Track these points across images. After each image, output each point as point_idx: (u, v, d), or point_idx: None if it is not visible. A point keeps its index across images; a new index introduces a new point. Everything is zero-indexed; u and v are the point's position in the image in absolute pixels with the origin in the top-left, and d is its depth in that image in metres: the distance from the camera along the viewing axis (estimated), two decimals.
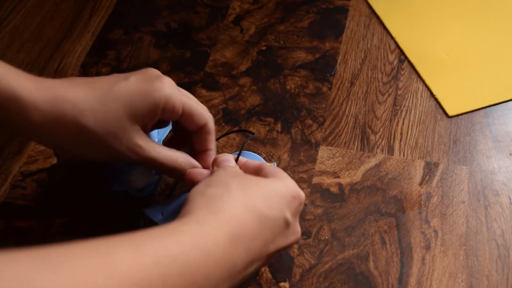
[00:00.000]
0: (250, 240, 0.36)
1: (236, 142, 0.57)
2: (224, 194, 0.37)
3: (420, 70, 0.63)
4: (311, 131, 0.58)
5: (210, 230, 0.34)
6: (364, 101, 0.60)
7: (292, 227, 0.40)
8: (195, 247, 0.32)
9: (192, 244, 0.32)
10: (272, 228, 0.38)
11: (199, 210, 0.36)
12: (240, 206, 0.36)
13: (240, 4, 0.71)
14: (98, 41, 0.68)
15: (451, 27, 0.67)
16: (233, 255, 0.34)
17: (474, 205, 0.52)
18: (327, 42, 0.67)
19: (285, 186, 0.40)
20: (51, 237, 0.50)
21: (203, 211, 0.36)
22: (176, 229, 0.34)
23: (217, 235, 0.34)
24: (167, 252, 0.31)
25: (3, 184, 0.54)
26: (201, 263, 0.32)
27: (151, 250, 0.30)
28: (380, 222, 0.51)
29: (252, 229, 0.36)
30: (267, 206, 0.38)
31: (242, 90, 0.62)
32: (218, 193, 0.37)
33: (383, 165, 0.55)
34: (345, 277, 0.47)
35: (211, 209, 0.36)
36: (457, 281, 0.47)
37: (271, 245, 0.38)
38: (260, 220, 0.37)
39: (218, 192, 0.37)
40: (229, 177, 0.40)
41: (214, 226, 0.34)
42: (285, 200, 0.39)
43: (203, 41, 0.67)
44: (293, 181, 0.42)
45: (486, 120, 0.58)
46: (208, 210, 0.36)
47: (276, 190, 0.39)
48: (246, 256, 0.35)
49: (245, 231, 0.36)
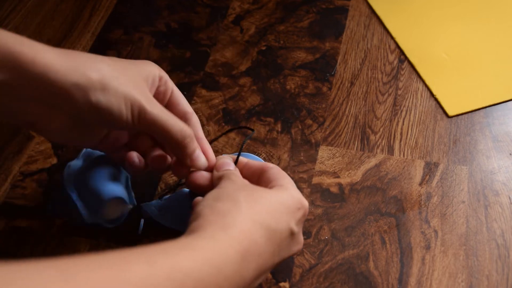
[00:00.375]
0: (259, 255, 0.37)
1: (236, 142, 0.57)
2: (233, 209, 0.37)
3: (420, 70, 0.63)
4: (311, 131, 0.58)
5: (221, 247, 0.34)
6: (364, 101, 0.60)
7: (296, 237, 0.41)
8: (207, 263, 0.33)
9: (204, 260, 0.33)
10: (279, 240, 0.38)
11: (209, 226, 0.36)
12: (249, 221, 0.37)
13: (240, 4, 0.71)
14: (98, 41, 0.68)
15: (451, 27, 0.67)
16: (243, 271, 0.35)
17: (474, 205, 0.52)
18: (327, 42, 0.67)
19: (291, 197, 0.41)
20: (51, 237, 0.50)
21: (214, 226, 0.36)
22: (188, 244, 0.34)
23: (228, 252, 0.34)
24: (180, 267, 0.31)
25: (3, 184, 0.54)
26: (212, 280, 0.33)
27: (164, 265, 0.31)
28: (380, 222, 0.51)
29: (260, 244, 0.37)
30: (275, 220, 0.38)
31: (242, 90, 0.62)
32: (227, 208, 0.38)
33: (383, 165, 0.55)
34: (345, 277, 0.47)
35: (221, 224, 0.36)
36: (457, 281, 0.47)
37: (277, 256, 0.39)
38: (268, 234, 0.37)
39: (227, 207, 0.38)
40: (237, 190, 0.40)
41: (225, 243, 0.35)
42: (290, 212, 0.40)
43: (203, 41, 0.67)
44: (297, 190, 0.42)
45: (486, 120, 0.58)
46: (218, 225, 0.36)
47: (282, 202, 0.40)
48: (255, 270, 0.36)
49: (254, 247, 0.36)
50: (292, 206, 0.40)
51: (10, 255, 0.49)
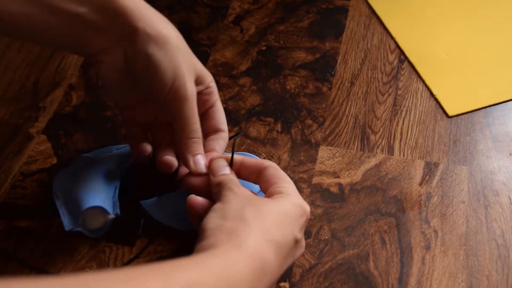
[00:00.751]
0: (271, 273, 0.37)
1: (236, 142, 0.57)
2: (242, 228, 0.38)
3: (420, 70, 0.63)
4: (311, 131, 0.58)
5: (235, 265, 0.35)
6: (364, 101, 0.60)
7: (299, 243, 0.42)
8: (222, 280, 0.33)
9: (219, 277, 0.33)
10: (285, 252, 0.39)
11: (221, 245, 0.37)
12: (260, 239, 0.38)
13: (240, 4, 0.71)
14: None
15: (451, 27, 0.67)
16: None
17: (474, 205, 0.52)
18: (327, 42, 0.67)
19: (294, 206, 0.41)
20: (51, 237, 0.50)
21: (226, 245, 0.37)
22: (203, 261, 0.34)
23: (242, 270, 0.35)
24: (196, 282, 0.32)
25: (3, 184, 0.54)
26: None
27: (180, 279, 0.31)
28: (380, 222, 0.51)
29: (271, 260, 0.37)
30: (281, 233, 0.39)
31: (242, 90, 0.62)
32: (236, 227, 0.38)
33: (383, 165, 0.55)
34: (345, 277, 0.47)
35: (233, 244, 0.37)
36: (457, 281, 0.47)
37: (284, 267, 0.40)
38: (277, 249, 0.38)
39: (236, 226, 0.38)
40: (243, 206, 0.40)
41: (239, 262, 0.35)
42: (294, 221, 0.41)
43: (203, 41, 0.67)
44: (298, 195, 0.43)
45: (486, 120, 0.58)
46: (230, 245, 0.37)
47: (286, 213, 0.41)
48: (266, 286, 0.37)
49: (266, 265, 0.37)
50: (295, 215, 0.41)
51: (10, 255, 0.49)
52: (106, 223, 0.48)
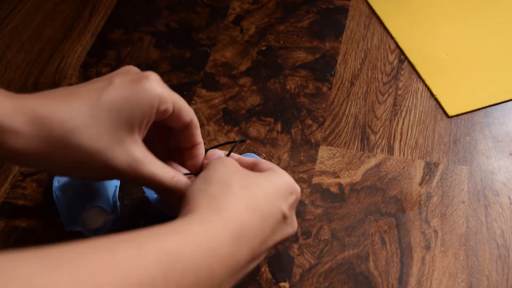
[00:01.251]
0: (253, 237, 0.36)
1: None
2: (226, 192, 0.37)
3: (420, 70, 0.63)
4: (311, 131, 0.58)
5: (213, 230, 0.34)
6: (364, 101, 0.60)
7: (289, 220, 0.41)
8: (199, 246, 0.32)
9: (196, 243, 0.32)
10: (271, 223, 0.38)
11: (201, 209, 0.36)
12: (243, 204, 0.37)
13: (240, 4, 0.71)
14: (98, 41, 0.68)
15: (451, 27, 0.67)
16: (236, 253, 0.35)
17: (474, 205, 0.52)
18: (327, 42, 0.67)
19: (284, 182, 0.41)
20: (51, 237, 0.50)
21: (206, 209, 0.36)
22: (179, 227, 0.34)
23: (220, 234, 0.34)
24: (169, 250, 0.31)
25: (3, 184, 0.54)
26: (204, 262, 0.32)
27: (153, 249, 0.30)
28: (380, 222, 0.51)
29: (254, 227, 0.37)
30: (267, 203, 0.38)
31: (242, 90, 0.62)
32: (219, 191, 0.37)
33: (383, 165, 0.55)
34: (345, 277, 0.47)
35: (213, 208, 0.36)
36: (457, 281, 0.47)
37: (270, 240, 0.39)
38: (261, 217, 0.37)
39: (219, 190, 0.37)
40: (228, 173, 0.39)
41: (218, 226, 0.35)
42: (283, 196, 0.40)
43: (203, 41, 0.67)
44: (289, 176, 0.42)
45: (486, 120, 0.58)
46: (210, 208, 0.36)
47: (274, 186, 0.40)
48: (249, 253, 0.36)
49: (248, 230, 0.36)
50: (284, 190, 0.40)
51: None
52: (106, 223, 0.48)
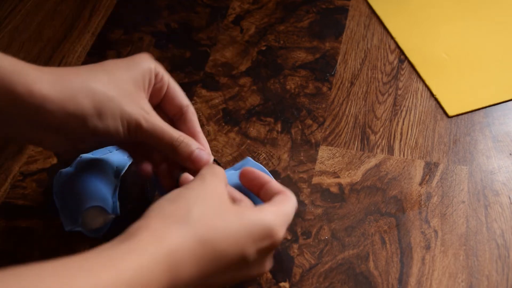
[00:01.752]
0: (186, 279, 0.34)
1: (236, 142, 0.57)
2: (179, 217, 0.34)
3: (420, 70, 0.63)
4: (311, 131, 0.58)
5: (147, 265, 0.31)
6: (364, 101, 0.60)
7: (254, 263, 0.38)
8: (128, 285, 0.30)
9: (125, 283, 0.30)
10: (224, 264, 0.35)
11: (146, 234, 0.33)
12: (192, 236, 0.34)
13: (240, 4, 0.71)
14: (98, 41, 0.68)
15: (451, 27, 0.67)
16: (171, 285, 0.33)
17: (474, 205, 0.52)
18: (327, 42, 0.67)
19: (260, 226, 0.37)
20: (51, 237, 0.50)
21: (148, 238, 0.33)
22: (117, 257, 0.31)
23: (153, 272, 0.31)
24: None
25: (3, 184, 0.54)
26: None
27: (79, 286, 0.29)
28: (380, 222, 0.51)
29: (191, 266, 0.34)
30: (226, 242, 0.35)
31: (242, 90, 0.62)
32: (174, 214, 0.35)
33: (383, 165, 0.55)
34: (345, 277, 0.47)
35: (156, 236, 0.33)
36: (457, 281, 0.47)
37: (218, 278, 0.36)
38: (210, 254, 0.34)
39: (175, 213, 0.35)
40: (200, 198, 0.36)
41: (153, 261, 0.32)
42: (252, 238, 0.36)
43: (203, 41, 0.67)
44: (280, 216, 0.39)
45: (486, 120, 0.58)
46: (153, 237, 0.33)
47: (246, 226, 0.36)
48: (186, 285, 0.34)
49: (182, 271, 0.33)
50: (256, 233, 0.37)
51: (10, 255, 0.49)
52: (106, 223, 0.48)
